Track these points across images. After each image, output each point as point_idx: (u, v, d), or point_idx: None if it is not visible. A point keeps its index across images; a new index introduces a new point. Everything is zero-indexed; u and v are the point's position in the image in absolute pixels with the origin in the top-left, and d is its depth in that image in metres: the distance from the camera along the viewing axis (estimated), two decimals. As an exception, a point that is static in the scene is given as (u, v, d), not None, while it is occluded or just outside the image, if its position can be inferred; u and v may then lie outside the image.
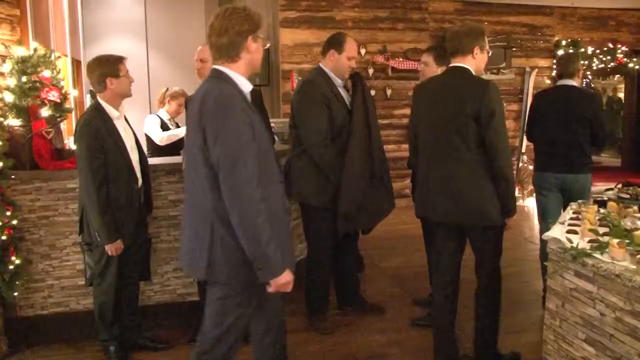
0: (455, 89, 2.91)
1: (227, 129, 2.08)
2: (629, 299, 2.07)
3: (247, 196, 2.06)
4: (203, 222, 2.19)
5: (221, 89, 2.17)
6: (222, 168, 2.08)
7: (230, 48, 2.20)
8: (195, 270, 2.29)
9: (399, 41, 8.11)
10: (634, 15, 9.54)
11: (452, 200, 2.90)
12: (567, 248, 2.34)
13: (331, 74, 3.68)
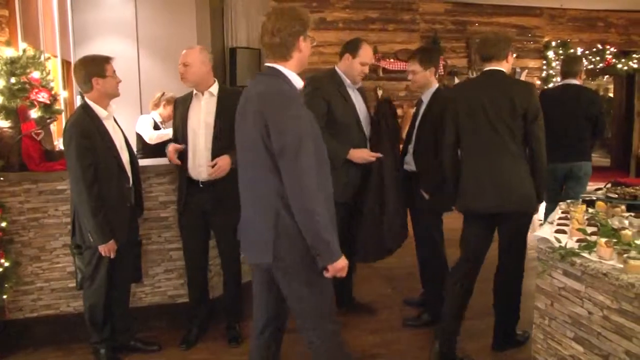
0: (503, 89, 3.16)
1: (289, 120, 2.21)
2: (616, 298, 2.09)
3: (307, 183, 2.18)
4: (266, 212, 2.28)
5: (280, 85, 2.29)
6: (285, 157, 2.19)
7: (282, 48, 2.32)
8: (261, 257, 2.35)
9: (390, 42, 8.15)
10: (622, 16, 9.62)
11: (502, 190, 3.12)
12: (556, 247, 2.36)
13: (342, 75, 3.75)
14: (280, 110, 2.22)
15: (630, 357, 2.05)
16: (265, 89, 2.30)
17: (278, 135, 2.20)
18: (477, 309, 4.24)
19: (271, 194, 2.27)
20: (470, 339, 3.79)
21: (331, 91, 3.66)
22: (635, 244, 2.27)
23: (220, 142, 3.42)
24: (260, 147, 2.25)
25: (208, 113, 3.49)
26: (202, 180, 3.49)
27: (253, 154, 2.31)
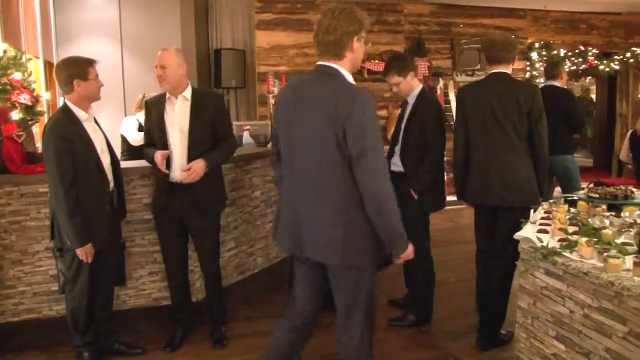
0: (509, 90, 3.35)
1: (368, 124, 2.28)
2: (596, 296, 2.12)
3: (384, 184, 2.30)
4: (334, 212, 2.35)
5: (351, 88, 2.36)
6: (363, 159, 2.26)
7: (336, 46, 2.35)
8: (329, 257, 2.41)
9: (375, 43, 8.15)
10: (604, 19, 9.72)
11: (509, 186, 3.32)
12: (538, 247, 2.38)
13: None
14: (359, 114, 2.25)
15: (610, 354, 2.07)
16: (336, 89, 2.33)
17: (356, 139, 2.25)
18: (462, 308, 4.28)
19: (340, 195, 2.34)
20: (454, 338, 3.82)
21: None
22: (615, 243, 2.30)
23: (195, 147, 3.41)
24: (332, 147, 2.30)
25: (182, 118, 3.46)
26: (177, 182, 3.47)
27: (321, 155, 2.35)
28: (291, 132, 2.47)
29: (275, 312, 4.16)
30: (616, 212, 2.85)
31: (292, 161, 2.49)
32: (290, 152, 2.49)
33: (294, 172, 2.49)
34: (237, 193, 4.47)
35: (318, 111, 2.33)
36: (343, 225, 2.34)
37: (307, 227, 2.43)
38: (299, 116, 2.42)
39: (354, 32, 2.35)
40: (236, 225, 4.47)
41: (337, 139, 2.28)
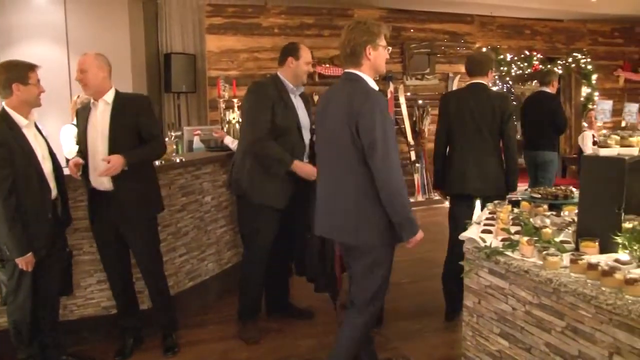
0: (485, 98, 3.91)
1: (377, 118, 2.59)
2: (536, 293, 2.19)
3: (394, 173, 2.63)
4: (350, 201, 2.70)
5: (366, 87, 2.69)
6: (374, 150, 2.58)
7: (352, 56, 2.70)
8: (350, 239, 2.76)
9: (326, 48, 8.21)
10: (547, 25, 10.04)
11: (484, 178, 3.83)
12: (482, 247, 2.44)
13: (285, 81, 3.77)
14: (369, 110, 2.58)
15: (549, 348, 2.15)
16: (353, 90, 2.67)
17: (368, 132, 2.58)
18: (413, 309, 4.35)
19: (355, 186, 2.68)
20: (406, 339, 3.87)
21: (274, 97, 3.68)
22: (554, 242, 2.38)
23: (115, 151, 3.34)
24: (348, 143, 2.64)
25: (103, 122, 3.41)
26: (104, 191, 3.43)
27: (339, 149, 2.70)
28: (320, 131, 2.90)
29: (228, 318, 4.15)
30: (557, 211, 2.95)
31: (320, 156, 2.92)
32: (318, 149, 2.94)
33: (321, 166, 2.92)
34: (188, 198, 4.43)
35: (338, 111, 2.70)
36: (357, 213, 2.68)
37: (330, 214, 2.80)
38: (325, 118, 2.81)
39: (367, 42, 2.68)
40: (187, 231, 4.43)
41: (352, 135, 2.61)
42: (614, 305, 1.85)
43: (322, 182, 2.89)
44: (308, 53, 3.83)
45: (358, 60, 2.70)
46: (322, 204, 2.87)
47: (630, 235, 2.20)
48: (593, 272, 2.03)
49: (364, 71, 2.72)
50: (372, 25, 2.73)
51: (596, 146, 2.39)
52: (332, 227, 2.82)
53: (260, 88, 3.76)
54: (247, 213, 3.87)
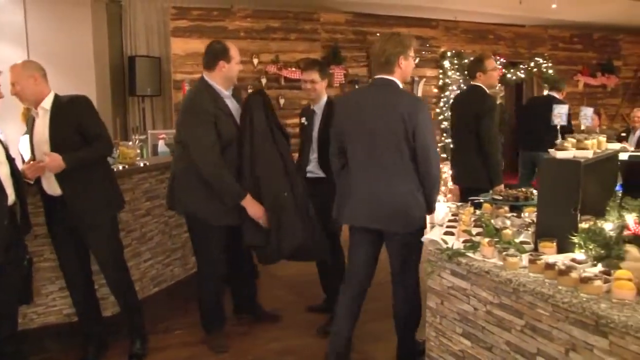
0: (471, 99, 4.53)
1: (429, 124, 3.08)
2: (497, 293, 2.24)
3: (437, 168, 3.09)
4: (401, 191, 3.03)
5: (414, 96, 3.54)
6: (426, 150, 3.01)
7: (387, 64, 3.06)
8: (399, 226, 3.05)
9: (292, 51, 8.22)
10: (510, 30, 10.22)
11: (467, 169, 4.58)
12: (444, 249, 2.48)
13: (217, 87, 3.55)
14: (423, 118, 3.01)
15: (509, 347, 2.20)
16: (397, 95, 3.08)
17: (424, 135, 2.99)
18: (382, 311, 4.36)
19: (406, 177, 3.03)
20: (375, 340, 3.90)
21: (213, 111, 3.47)
22: (514, 242, 2.44)
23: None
24: (401, 140, 2.98)
25: (44, 130, 3.35)
26: (57, 195, 3.38)
27: (389, 144, 3.02)
28: (355, 131, 3.13)
29: (195, 323, 4.11)
30: (518, 213, 3.01)
31: (357, 154, 3.15)
32: (354, 148, 3.17)
33: (359, 163, 3.15)
34: (152, 203, 4.40)
35: (385, 113, 3.02)
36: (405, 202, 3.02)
37: (377, 203, 3.07)
38: (365, 119, 3.08)
39: (400, 53, 3.05)
40: (152, 236, 4.39)
41: (406, 136, 2.97)
42: (569, 303, 1.90)
43: (362, 177, 3.14)
44: (237, 52, 3.60)
45: (391, 68, 3.07)
46: (366, 196, 3.11)
47: (585, 235, 2.26)
48: (550, 271, 2.08)
49: (396, 77, 3.09)
50: (404, 38, 3.13)
51: (553, 149, 2.45)
52: (379, 218, 3.08)
53: (197, 106, 3.48)
54: (194, 230, 3.76)
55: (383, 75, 3.09)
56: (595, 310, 1.81)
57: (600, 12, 9.28)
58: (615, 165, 3.06)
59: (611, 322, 1.75)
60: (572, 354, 1.93)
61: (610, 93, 11.43)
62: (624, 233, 2.26)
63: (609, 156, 2.80)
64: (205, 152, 3.44)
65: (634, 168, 3.00)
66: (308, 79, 3.99)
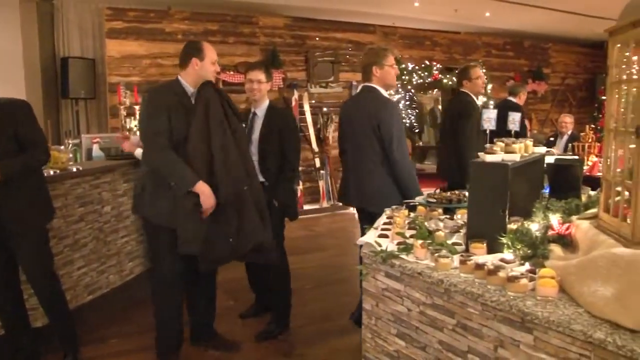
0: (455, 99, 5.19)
1: (393, 120, 3.70)
2: (429, 294, 2.29)
3: (406, 159, 3.73)
4: (374, 178, 3.73)
5: (383, 97, 3.81)
6: (393, 143, 3.64)
7: (365, 74, 3.84)
8: (376, 208, 3.52)
9: (230, 55, 8.19)
10: (445, 36, 10.50)
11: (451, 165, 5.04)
12: (378, 251, 2.52)
13: (186, 85, 3.39)
14: (388, 114, 3.67)
15: (442, 345, 2.25)
16: (373, 98, 3.75)
17: (388, 129, 3.64)
18: (318, 314, 4.40)
19: (377, 167, 3.71)
20: (311, 344, 3.92)
21: (171, 103, 3.31)
22: (446, 244, 2.50)
23: None
24: (372, 136, 3.69)
25: None
26: None
27: (366, 142, 3.74)
28: (348, 129, 3.90)
29: (131, 331, 4.03)
30: (451, 215, 3.08)
31: (348, 147, 3.90)
32: (346, 143, 3.94)
33: (350, 154, 3.88)
34: (86, 209, 4.27)
35: (364, 114, 3.72)
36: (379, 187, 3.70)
37: (358, 188, 3.82)
38: (354, 119, 3.83)
39: (374, 63, 3.75)
40: (85, 243, 4.27)
41: (374, 131, 3.66)
42: (497, 302, 1.96)
43: (352, 166, 3.87)
44: (213, 52, 3.46)
45: (369, 77, 3.79)
46: (354, 182, 3.85)
47: (513, 235, 2.34)
48: (480, 271, 2.14)
49: (377, 84, 3.78)
50: (379, 50, 3.80)
51: (483, 153, 2.53)
52: (363, 199, 3.79)
53: (155, 95, 3.38)
54: (149, 236, 3.60)
55: (366, 82, 3.83)
56: (521, 308, 1.88)
57: (530, 21, 9.65)
58: (541, 168, 3.18)
59: (535, 318, 1.82)
60: (501, 350, 1.99)
61: (540, 99, 11.90)
62: (548, 233, 2.34)
63: (535, 159, 2.91)
64: (153, 138, 3.26)
65: (560, 171, 3.12)
66: (255, 79, 3.95)
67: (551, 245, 2.26)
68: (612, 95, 2.11)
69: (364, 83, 3.84)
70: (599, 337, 1.64)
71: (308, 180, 9.10)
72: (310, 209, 8.87)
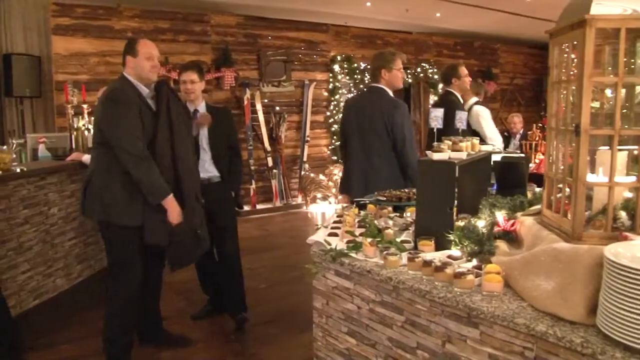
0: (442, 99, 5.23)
1: (407, 120, 3.99)
2: (378, 292, 2.30)
3: (415, 156, 3.93)
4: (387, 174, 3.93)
5: (394, 99, 4.03)
6: (405, 142, 3.91)
7: (374, 76, 4.10)
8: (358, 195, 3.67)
9: (181, 53, 8.07)
10: (397, 36, 10.62)
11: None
12: (327, 250, 2.53)
13: (137, 83, 3.36)
14: (400, 116, 3.92)
15: (391, 342, 2.27)
16: (382, 99, 3.99)
17: (400, 130, 3.90)
18: (272, 313, 4.39)
19: (382, 161, 3.93)
20: (263, 344, 3.91)
21: (138, 102, 3.28)
22: (395, 242, 2.52)
23: None
24: (382, 134, 3.92)
25: None
26: None
27: (374, 138, 3.96)
28: (353, 127, 4.08)
29: (80, 335, 3.94)
30: (401, 213, 3.11)
31: (354, 144, 4.08)
32: (351, 140, 4.11)
33: (356, 151, 4.07)
34: (31, 211, 4.15)
35: (373, 113, 3.96)
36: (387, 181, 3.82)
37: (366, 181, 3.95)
38: (362, 117, 4.02)
39: (382, 67, 4.01)
40: (30, 246, 4.15)
41: (387, 129, 3.89)
42: (444, 298, 1.99)
43: (356, 160, 4.07)
44: (149, 47, 3.38)
45: (377, 79, 4.04)
46: (358, 175, 4.04)
47: (460, 232, 2.38)
48: (427, 268, 2.17)
49: (384, 84, 4.02)
50: (386, 54, 4.06)
51: (430, 150, 2.56)
52: (366, 192, 3.66)
53: (122, 94, 3.26)
54: (116, 241, 3.40)
55: (374, 83, 4.09)
56: (467, 303, 1.91)
57: (479, 22, 9.85)
58: (488, 166, 3.25)
59: (481, 313, 1.86)
60: (448, 346, 2.02)
61: (490, 98, 12.15)
62: (494, 230, 2.39)
63: (481, 157, 2.97)
64: (133, 144, 3.18)
65: (506, 168, 3.19)
66: (188, 80, 4.02)
67: (497, 242, 2.31)
68: (553, 95, 2.17)
69: (372, 84, 4.11)
70: (540, 329, 1.68)
71: (261, 180, 9.07)
72: (263, 208, 8.84)
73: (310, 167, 9.35)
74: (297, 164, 9.54)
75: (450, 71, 5.11)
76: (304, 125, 9.49)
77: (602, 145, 1.99)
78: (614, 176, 1.86)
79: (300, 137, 9.53)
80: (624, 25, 1.78)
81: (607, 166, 1.89)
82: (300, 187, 9.37)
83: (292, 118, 9.43)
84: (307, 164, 9.44)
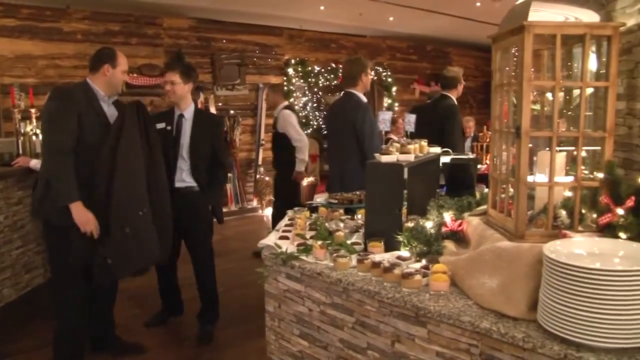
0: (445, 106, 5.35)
1: (369, 118, 4.25)
2: (329, 294, 2.32)
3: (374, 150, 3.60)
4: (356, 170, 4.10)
5: (358, 100, 4.33)
6: (365, 141, 4.18)
7: (351, 80, 4.37)
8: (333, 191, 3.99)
9: (133, 56, 7.93)
10: (351, 40, 10.70)
11: None
12: (278, 253, 2.53)
13: (96, 89, 3.31)
14: (361, 114, 4.24)
15: (343, 344, 2.29)
16: (352, 102, 4.32)
17: (361, 128, 4.20)
18: (226, 318, 4.36)
19: (360, 164, 3.99)
20: (218, 349, 3.89)
21: (82, 104, 3.20)
22: (345, 244, 2.54)
23: None
24: (352, 136, 4.22)
25: None
26: None
27: (348, 142, 4.25)
28: (332, 129, 4.55)
29: (31, 347, 3.83)
30: (352, 215, 3.14)
31: (332, 144, 4.54)
32: (331, 140, 4.61)
33: (337, 151, 4.39)
34: (-26, 218, 4.03)
35: (345, 117, 4.30)
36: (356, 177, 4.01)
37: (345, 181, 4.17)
38: (338, 120, 4.40)
39: (361, 71, 4.32)
40: (-27, 255, 4.02)
41: (351, 129, 4.21)
42: (393, 298, 2.02)
43: (337, 163, 4.42)
44: (125, 61, 3.47)
45: (355, 82, 4.34)
46: (339, 177, 4.33)
47: (409, 233, 2.41)
48: (376, 269, 2.20)
49: (358, 90, 4.36)
50: (362, 59, 4.41)
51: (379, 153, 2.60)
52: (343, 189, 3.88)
53: (65, 94, 3.23)
54: (53, 240, 3.32)
55: (348, 88, 4.39)
56: (415, 303, 1.94)
57: (431, 26, 10.01)
58: (437, 167, 3.31)
59: (428, 312, 1.89)
60: (398, 345, 2.05)
61: (442, 101, 12.32)
62: (442, 230, 2.44)
63: (430, 159, 3.02)
64: (56, 135, 3.12)
65: (455, 170, 3.26)
66: (168, 80, 3.89)
67: (445, 242, 2.35)
68: (496, 98, 2.23)
69: (347, 89, 4.40)
70: (485, 326, 1.72)
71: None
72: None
73: (265, 171, 9.31)
74: (252, 168, 9.51)
75: (456, 76, 5.42)
76: (258, 128, 9.46)
77: (545, 146, 2.06)
78: (553, 176, 1.93)
79: (255, 140, 9.51)
80: (559, 32, 1.85)
81: (547, 167, 1.95)
82: (255, 191, 9.34)
83: (247, 122, 9.39)
84: (262, 167, 9.41)
